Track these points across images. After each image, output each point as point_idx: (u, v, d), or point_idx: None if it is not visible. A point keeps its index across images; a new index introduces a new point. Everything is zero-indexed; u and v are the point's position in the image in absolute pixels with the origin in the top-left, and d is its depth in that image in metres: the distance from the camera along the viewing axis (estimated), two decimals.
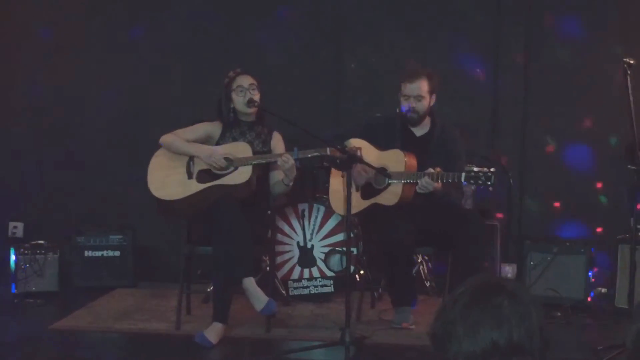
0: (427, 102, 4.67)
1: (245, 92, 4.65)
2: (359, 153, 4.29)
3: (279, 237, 5.27)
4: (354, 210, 4.42)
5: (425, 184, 4.37)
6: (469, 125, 5.69)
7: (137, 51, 6.03)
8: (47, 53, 6.04)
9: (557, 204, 5.80)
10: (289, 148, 4.62)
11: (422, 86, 4.64)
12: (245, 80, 4.66)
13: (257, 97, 4.65)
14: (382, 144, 4.70)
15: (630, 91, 4.03)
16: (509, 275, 5.46)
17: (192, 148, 4.64)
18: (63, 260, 5.55)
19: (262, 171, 4.67)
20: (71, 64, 6.03)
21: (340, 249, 5.19)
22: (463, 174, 4.31)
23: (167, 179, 4.63)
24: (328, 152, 4.32)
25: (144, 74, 6.01)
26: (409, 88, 4.65)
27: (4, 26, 6.04)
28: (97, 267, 5.64)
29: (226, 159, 4.57)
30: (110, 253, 5.67)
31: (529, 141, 5.80)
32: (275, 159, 4.53)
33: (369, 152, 4.59)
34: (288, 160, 4.44)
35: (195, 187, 4.58)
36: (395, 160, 4.59)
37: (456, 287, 1.71)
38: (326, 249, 5.29)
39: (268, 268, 5.03)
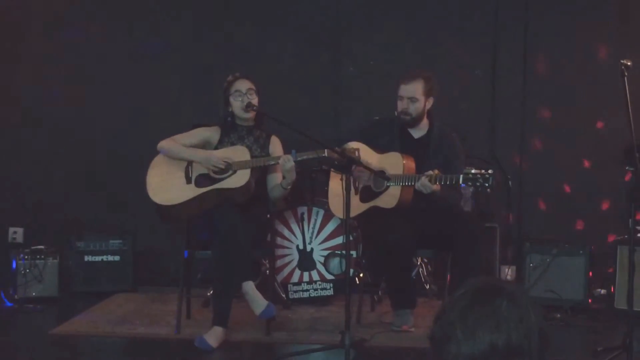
0: (421, 104, 4.67)
1: (243, 96, 4.65)
2: (356, 154, 4.29)
3: (279, 240, 5.27)
4: (353, 213, 4.42)
5: (424, 184, 4.37)
6: (468, 127, 5.70)
7: (137, 56, 6.03)
8: (47, 57, 6.05)
9: (556, 206, 5.81)
10: (287, 152, 4.62)
11: (417, 88, 4.64)
12: (244, 85, 4.67)
13: (255, 101, 4.66)
14: (380, 146, 4.71)
15: (627, 93, 4.04)
16: (509, 277, 5.46)
17: (190, 153, 4.65)
18: (63, 265, 5.55)
19: (261, 175, 4.67)
20: (70, 69, 6.04)
21: (339, 252, 5.19)
22: (461, 176, 4.32)
23: (166, 184, 4.63)
24: (326, 154, 4.33)
25: (143, 79, 6.02)
26: (403, 89, 4.66)
27: (5, 28, 6.05)
28: (96, 272, 5.63)
29: (224, 162, 4.58)
30: (110, 258, 5.66)
31: (528, 143, 5.81)
32: (274, 161, 4.54)
33: (367, 155, 4.60)
34: (289, 160, 4.45)
35: (194, 191, 4.59)
36: (394, 163, 4.59)
37: (456, 289, 1.72)
38: (326, 252, 5.29)
39: (268, 272, 5.03)
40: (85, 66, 6.04)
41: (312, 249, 5.31)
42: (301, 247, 5.32)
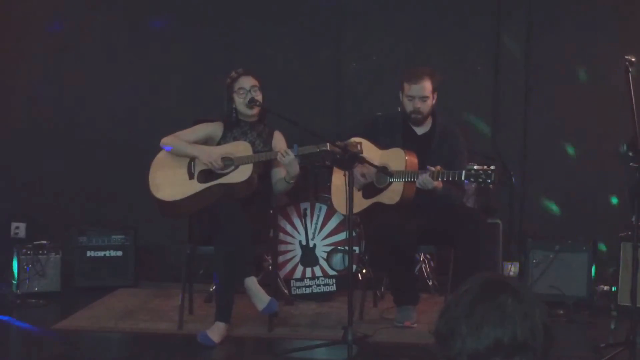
0: (431, 101, 4.67)
1: (247, 93, 4.64)
2: (359, 147, 4.28)
3: (281, 236, 5.27)
4: (355, 210, 4.41)
5: (425, 181, 4.36)
6: (470, 123, 5.69)
7: (138, 52, 6.03)
8: (48, 54, 6.04)
9: (559, 202, 5.80)
10: (290, 147, 4.61)
11: (426, 86, 4.63)
12: (247, 82, 4.66)
13: (259, 97, 4.65)
14: (383, 143, 4.70)
15: (631, 88, 4.03)
16: (511, 274, 5.46)
17: (192, 149, 4.64)
18: (65, 260, 5.54)
19: (264, 170, 4.67)
20: (73, 64, 6.03)
21: (342, 247, 5.19)
22: (463, 172, 4.31)
23: (169, 180, 4.62)
24: (328, 148, 4.32)
25: (146, 75, 6.02)
26: (414, 89, 4.63)
27: (5, 25, 6.04)
28: (99, 267, 5.63)
29: (226, 158, 4.58)
30: (113, 253, 5.66)
31: (530, 138, 5.80)
32: (275, 156, 4.53)
33: (369, 151, 4.58)
34: (288, 154, 4.44)
35: (196, 187, 4.58)
36: (396, 159, 4.58)
37: (458, 285, 1.71)
38: (328, 248, 5.29)
39: (270, 267, 5.03)
40: (86, 63, 6.03)
41: (314, 245, 5.31)
42: (304, 242, 5.32)
